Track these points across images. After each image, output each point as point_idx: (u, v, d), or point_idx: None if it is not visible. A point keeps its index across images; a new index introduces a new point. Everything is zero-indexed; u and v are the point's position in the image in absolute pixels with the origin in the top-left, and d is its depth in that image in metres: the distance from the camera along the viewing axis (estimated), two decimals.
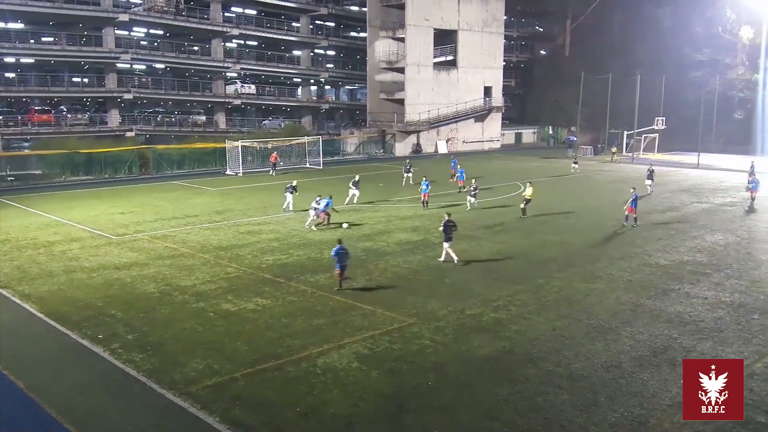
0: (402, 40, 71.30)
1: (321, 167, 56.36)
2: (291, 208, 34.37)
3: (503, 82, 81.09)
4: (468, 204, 35.22)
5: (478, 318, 18.27)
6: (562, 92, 76.84)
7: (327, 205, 30.73)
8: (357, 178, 37.43)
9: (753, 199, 37.03)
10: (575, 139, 72.06)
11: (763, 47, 69.43)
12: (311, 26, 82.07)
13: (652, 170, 42.25)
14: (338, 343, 16.36)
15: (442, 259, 24.37)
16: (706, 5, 73.89)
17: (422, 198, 35.44)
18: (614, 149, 65.98)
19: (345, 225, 30.23)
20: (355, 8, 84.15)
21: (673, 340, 16.54)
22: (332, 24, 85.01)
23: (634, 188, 31.70)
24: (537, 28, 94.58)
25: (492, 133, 79.49)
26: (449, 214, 24.76)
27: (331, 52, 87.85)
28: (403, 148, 71.09)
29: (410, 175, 45.11)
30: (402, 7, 70.70)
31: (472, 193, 35.16)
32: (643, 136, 67.96)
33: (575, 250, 26.35)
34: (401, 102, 72.06)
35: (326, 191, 32.82)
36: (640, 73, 65.78)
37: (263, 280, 22.15)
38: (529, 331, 17.25)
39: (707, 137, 62.69)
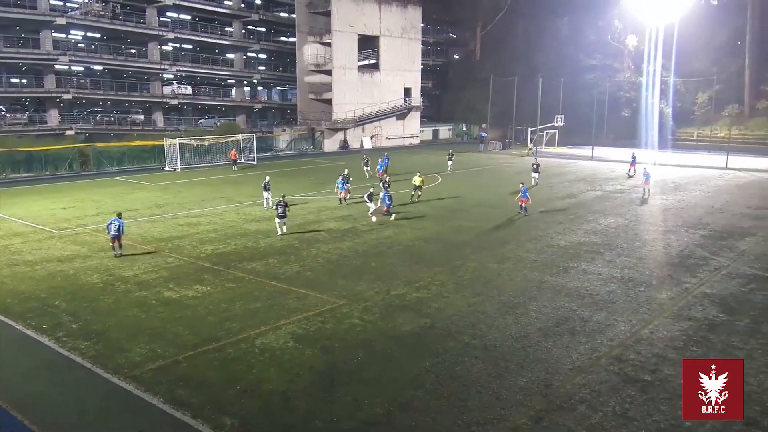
0: (329, 44, 70.89)
1: (255, 162, 55.45)
2: (270, 204, 32.24)
3: (421, 83, 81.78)
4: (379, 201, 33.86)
5: (402, 298, 18.45)
6: (473, 93, 78.04)
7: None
8: (346, 171, 35.56)
9: (646, 190, 36.64)
10: (486, 135, 73.45)
11: (646, 54, 72.43)
12: (243, 31, 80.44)
13: (538, 164, 42.51)
14: (275, 325, 16.22)
15: (279, 234, 26.32)
16: (597, 16, 76.40)
17: (339, 195, 34.05)
18: (531, 145, 66.43)
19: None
20: (284, 14, 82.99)
21: (573, 312, 17.16)
22: (263, 29, 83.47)
23: (522, 183, 32.53)
24: (451, 34, 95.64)
25: (412, 130, 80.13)
26: (284, 196, 26.84)
27: (262, 56, 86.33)
28: (331, 144, 70.82)
29: (369, 168, 44.35)
30: (328, 14, 70.22)
31: (386, 186, 33.56)
32: (545, 132, 69.82)
33: (487, 234, 26.92)
34: (329, 102, 71.74)
35: (256, 183, 32.30)
36: (541, 76, 67.50)
37: (203, 268, 21.68)
38: (447, 308, 17.54)
39: (599, 132, 64.99)
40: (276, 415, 11.95)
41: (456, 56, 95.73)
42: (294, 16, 74.62)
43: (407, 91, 78.50)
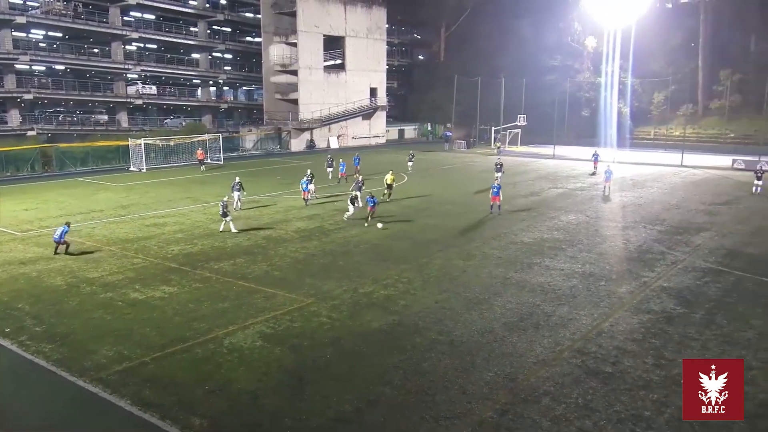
0: (294, 45, 70.48)
1: (222, 162, 54.83)
2: (239, 206, 31.65)
3: (387, 83, 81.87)
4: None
5: (370, 295, 18.46)
6: (438, 93, 78.48)
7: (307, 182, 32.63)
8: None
9: (607, 187, 37.08)
10: (451, 134, 73.90)
11: (604, 55, 73.73)
12: (209, 31, 79.38)
13: (501, 164, 42.14)
14: (243, 324, 16.08)
15: (221, 228, 26.69)
16: (557, 18, 77.50)
17: (303, 196, 33.34)
18: (498, 144, 66.25)
19: (380, 225, 27.55)
20: (250, 15, 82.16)
21: (537, 307, 17.38)
22: (229, 29, 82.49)
23: (497, 179, 32.78)
24: (415, 35, 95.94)
25: (378, 129, 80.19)
26: (227, 196, 27.34)
27: (228, 56, 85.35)
28: (298, 144, 70.46)
29: (332, 169, 43.26)
30: (293, 14, 69.81)
31: (359, 187, 33.03)
32: (508, 131, 70.55)
33: (453, 232, 27.08)
34: (295, 102, 71.32)
35: (223, 183, 31.94)
36: (504, 76, 68.28)
37: (169, 269, 21.37)
38: (415, 305, 17.60)
39: (561, 131, 65.91)
40: (245, 414, 11.85)
41: (421, 57, 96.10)
42: (259, 16, 74.00)
43: (373, 91, 78.51)
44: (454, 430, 11.20)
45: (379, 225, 27.40)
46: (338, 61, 74.92)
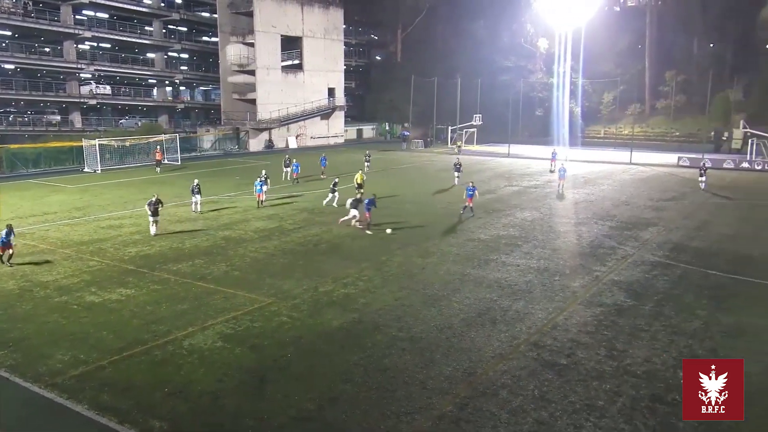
0: (252, 45, 69.69)
1: (179, 163, 53.87)
2: (198, 210, 30.84)
3: (345, 84, 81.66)
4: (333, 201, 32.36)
5: (330, 294, 18.40)
6: (395, 93, 78.65)
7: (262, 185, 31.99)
8: (336, 180, 33.62)
9: (561, 185, 37.51)
10: (408, 133, 74.20)
11: (556, 56, 75.14)
12: (164, 30, 77.78)
13: (460, 164, 42.34)
14: (202, 326, 15.83)
15: (152, 232, 25.87)
16: (511, 20, 78.63)
17: (257, 198, 32.34)
18: (459, 143, 66.00)
19: (388, 231, 26.50)
20: (206, 14, 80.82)
21: (494, 302, 17.60)
22: (185, 29, 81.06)
23: (472, 182, 32.51)
24: (372, 36, 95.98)
25: (336, 129, 79.96)
26: (155, 195, 26.38)
27: (184, 55, 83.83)
28: (256, 144, 69.72)
29: (289, 170, 42.46)
30: (250, 14, 68.99)
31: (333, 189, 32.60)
32: (464, 130, 71.23)
33: (412, 230, 27.18)
34: (253, 102, 70.56)
35: (181, 184, 31.36)
36: (460, 77, 68.91)
37: (126, 271, 20.89)
38: (375, 302, 17.62)
39: (515, 130, 66.92)
40: (205, 415, 11.67)
41: (378, 57, 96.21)
42: (216, 16, 72.84)
43: (331, 91, 78.26)
44: (415, 424, 11.26)
45: (388, 230, 26.34)
46: (296, 62, 74.48)
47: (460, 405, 11.89)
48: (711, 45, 73.30)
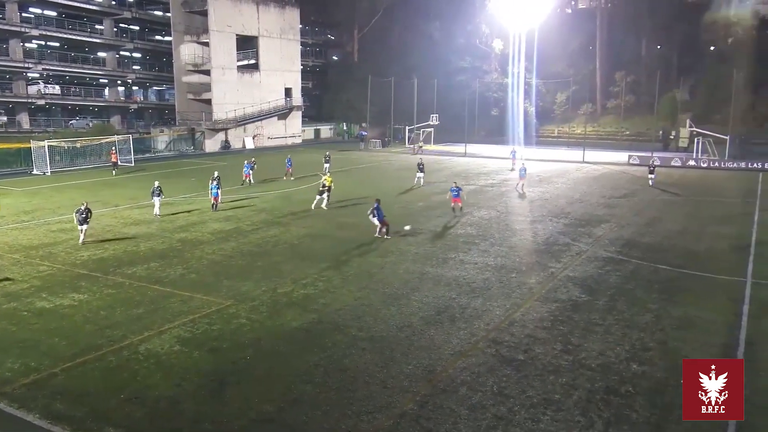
0: (206, 44, 68.70)
1: (133, 164, 52.68)
2: (157, 213, 29.93)
3: (302, 84, 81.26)
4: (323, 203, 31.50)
5: (290, 295, 18.27)
6: (353, 93, 78.63)
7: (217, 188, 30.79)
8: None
9: (521, 185, 37.75)
10: (366, 133, 74.27)
11: (511, 57, 76.27)
12: (115, 29, 75.87)
13: (423, 164, 42.03)
14: (159, 330, 15.52)
15: (81, 241, 24.43)
16: (466, 20, 79.47)
17: (212, 201, 31.36)
18: (420, 143, 65.53)
19: (407, 227, 26.34)
20: (159, 13, 79.25)
21: (452, 300, 17.76)
22: (137, 27, 79.25)
23: (455, 182, 32.71)
24: (329, 36, 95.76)
25: (294, 129, 79.46)
26: (85, 203, 25.02)
27: (137, 54, 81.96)
28: (213, 144, 68.75)
29: (253, 171, 41.42)
30: (205, 13, 68.00)
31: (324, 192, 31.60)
32: (422, 130, 71.63)
33: (370, 230, 27.16)
34: (209, 102, 69.55)
35: (135, 186, 30.70)
36: (416, 77, 69.29)
37: (79, 275, 20.32)
38: (334, 302, 17.57)
39: (471, 130, 67.63)
40: (163, 420, 11.45)
41: (335, 57, 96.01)
42: (169, 14, 71.48)
43: (288, 91, 77.74)
44: (376, 424, 11.27)
45: (407, 227, 26.40)
46: (252, 61, 73.78)
47: (421, 403, 11.96)
48: (659, 47, 75.60)
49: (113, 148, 51.01)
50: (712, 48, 70.98)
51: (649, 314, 16.67)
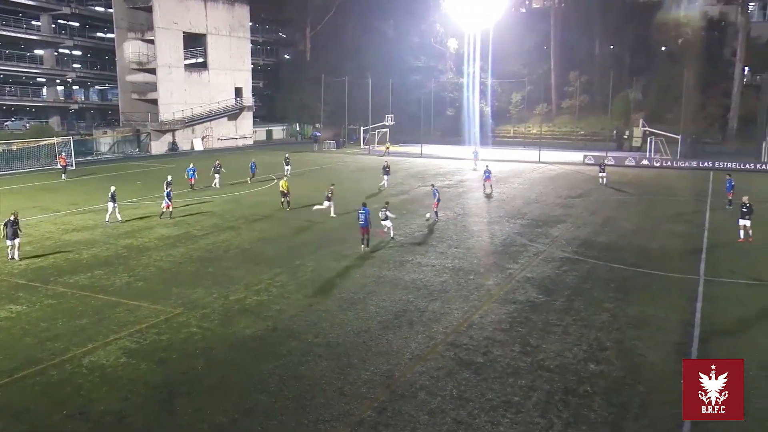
0: (151, 41, 67.35)
1: (74, 167, 51.17)
2: (118, 218, 29.07)
3: (252, 83, 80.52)
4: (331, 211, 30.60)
5: (242, 302, 18.06)
6: (306, 92, 78.23)
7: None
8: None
9: (487, 186, 38.05)
10: (320, 134, 74.00)
11: (466, 56, 77.16)
12: (53, 25, 73.75)
13: (388, 166, 41.96)
14: (104, 341, 15.12)
15: (12, 257, 22.41)
16: (420, 19, 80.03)
17: (165, 208, 29.96)
18: (388, 144, 64.06)
19: (428, 215, 27.13)
20: (100, 9, 77.19)
21: (410, 304, 17.84)
22: (77, 24, 77.18)
23: (432, 184, 32.70)
24: (280, 34, 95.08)
25: (245, 130, 78.62)
26: (14, 214, 23.02)
27: (77, 52, 79.75)
28: (159, 146, 67.38)
29: (219, 175, 40.60)
30: (149, 9, 66.63)
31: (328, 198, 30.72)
32: (377, 131, 71.78)
33: (326, 233, 27.13)
34: (155, 102, 68.18)
35: (77, 190, 29.87)
36: (371, 76, 69.38)
37: (16, 285, 19.63)
38: (289, 309, 17.45)
39: (427, 130, 68.13)
40: None
41: (287, 56, 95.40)
42: (111, 10, 69.73)
43: (238, 91, 76.91)
44: None
45: (428, 215, 27.55)
46: (200, 60, 72.73)
47: (379, 409, 11.97)
48: (611, 47, 77.57)
49: (62, 151, 49.44)
50: (663, 48, 73.28)
51: (605, 314, 17.08)
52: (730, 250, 24.02)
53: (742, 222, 25.03)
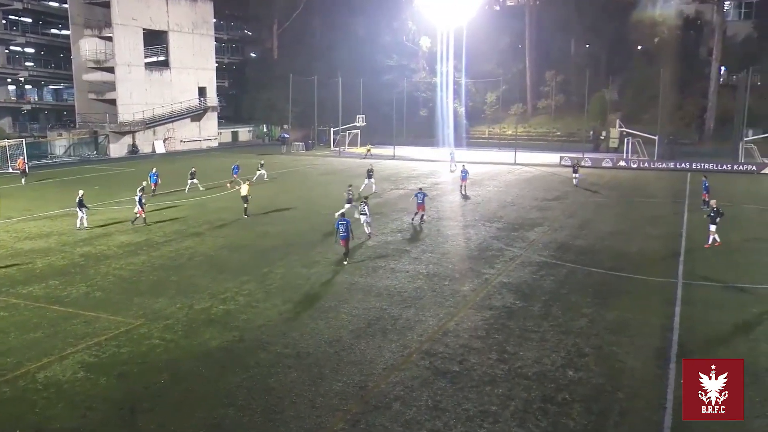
0: (110, 39, 66.53)
1: (27, 171, 50.10)
2: (85, 224, 28.76)
3: (217, 82, 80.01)
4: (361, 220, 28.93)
5: (208, 312, 17.88)
6: (273, 92, 77.94)
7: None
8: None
9: (463, 186, 39.00)
10: (288, 135, 73.74)
11: (439, 55, 77.63)
12: (4, 21, 72.34)
13: (372, 169, 42.01)
14: (60, 355, 14.83)
15: None
16: (391, 17, 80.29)
17: (138, 214, 29.58)
18: (369, 146, 64.17)
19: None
20: (54, 4, 76.01)
21: (383, 311, 17.84)
22: (29, 19, 75.80)
23: (421, 187, 32.87)
24: (246, 31, 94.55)
25: (209, 132, 78.01)
26: None
27: (30, 50, 78.26)
28: (118, 149, 66.49)
29: (195, 180, 40.06)
30: (107, 5, 65.80)
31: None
32: (348, 132, 71.76)
33: (294, 238, 27.01)
34: (113, 102, 67.32)
35: (28, 196, 29.33)
36: (341, 76, 69.38)
37: None
38: (257, 318, 17.32)
39: (400, 132, 68.31)
40: None
41: (253, 54, 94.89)
42: (66, 6, 68.68)
43: (202, 91, 76.33)
44: None
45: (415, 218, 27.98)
46: (161, 58, 72.08)
47: (352, 422, 11.93)
48: (587, 45, 78.72)
49: (20, 155, 48.36)
50: (639, 47, 74.61)
51: (583, 319, 17.29)
52: (708, 253, 24.48)
53: (713, 227, 24.91)
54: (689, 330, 16.45)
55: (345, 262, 22.62)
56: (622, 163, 55.31)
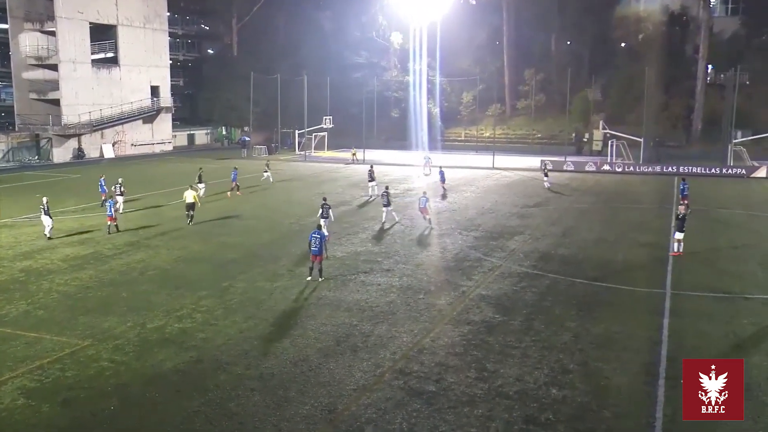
0: (52, 33, 65.61)
1: None
2: (46, 234, 28.58)
3: (171, 81, 79.30)
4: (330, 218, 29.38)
5: (162, 330, 17.67)
6: (233, 91, 77.56)
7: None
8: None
9: (444, 189, 41.72)
10: (249, 138, 73.36)
11: (411, 52, 78.02)
12: None
13: (373, 171, 42.31)
14: None
15: None
16: (360, 11, 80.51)
17: (108, 222, 29.80)
18: (354, 150, 63.38)
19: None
20: None
21: (354, 327, 17.81)
22: None
23: (425, 191, 33.03)
24: (203, 26, 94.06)
25: (163, 134, 77.23)
26: None
27: None
28: (63, 153, 65.50)
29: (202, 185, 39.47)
30: None
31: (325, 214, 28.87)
32: (314, 134, 71.59)
33: (256, 250, 26.85)
34: (57, 102, 66.36)
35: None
36: (306, 74, 69.31)
37: None
38: (216, 337, 17.16)
39: (370, 134, 68.40)
40: None
41: (211, 50, 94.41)
42: None
43: (155, 90, 75.59)
44: None
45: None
46: (110, 55, 71.34)
47: None
48: (569, 42, 79.85)
49: None
50: (623, 45, 75.86)
51: (567, 333, 17.45)
52: (696, 261, 24.93)
53: (678, 235, 25.38)
54: (678, 343, 16.70)
55: (310, 278, 22.17)
56: (606, 167, 56.07)
